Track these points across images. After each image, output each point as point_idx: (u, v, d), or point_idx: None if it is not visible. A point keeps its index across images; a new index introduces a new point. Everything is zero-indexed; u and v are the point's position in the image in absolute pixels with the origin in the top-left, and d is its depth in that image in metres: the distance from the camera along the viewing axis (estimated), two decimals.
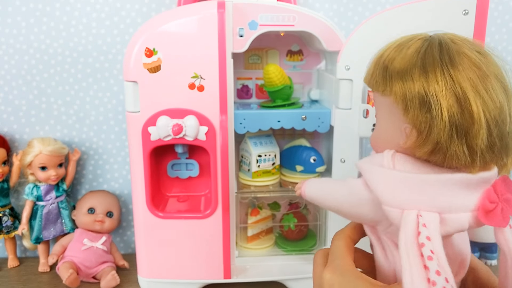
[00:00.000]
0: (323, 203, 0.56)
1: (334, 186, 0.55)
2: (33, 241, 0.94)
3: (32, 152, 0.90)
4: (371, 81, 0.50)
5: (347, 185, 0.52)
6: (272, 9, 0.74)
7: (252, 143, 0.86)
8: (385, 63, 0.48)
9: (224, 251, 0.80)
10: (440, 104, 0.43)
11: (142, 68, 0.73)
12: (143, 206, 0.79)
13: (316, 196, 0.57)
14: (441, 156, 0.46)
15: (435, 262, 0.42)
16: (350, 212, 0.52)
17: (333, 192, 0.54)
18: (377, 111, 0.52)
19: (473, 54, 0.45)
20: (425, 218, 0.44)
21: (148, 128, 0.74)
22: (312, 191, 0.58)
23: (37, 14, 0.93)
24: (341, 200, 0.52)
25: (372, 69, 0.50)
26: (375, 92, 0.50)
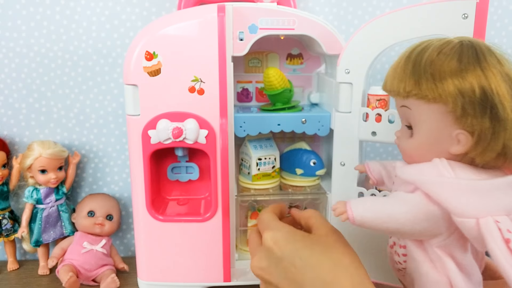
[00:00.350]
0: (380, 225, 0.50)
1: (390, 205, 0.50)
2: (33, 244, 0.93)
3: (32, 155, 0.90)
4: (410, 89, 0.48)
5: (406, 202, 0.49)
6: (272, 13, 0.74)
7: (252, 146, 0.86)
8: (430, 67, 0.47)
9: (224, 254, 0.80)
10: (504, 105, 0.44)
11: (142, 72, 0.73)
12: (143, 209, 0.79)
13: (371, 220, 0.50)
14: (503, 159, 0.46)
15: None
16: (411, 231, 0.49)
17: (392, 213, 0.49)
18: (414, 120, 0.50)
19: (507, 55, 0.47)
20: (504, 223, 0.43)
21: (148, 131, 0.75)
22: (364, 214, 0.50)
23: (37, 18, 0.93)
24: (403, 220, 0.48)
25: (409, 76, 0.49)
26: (415, 100, 0.49)
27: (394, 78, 0.51)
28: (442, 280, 0.50)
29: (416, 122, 0.50)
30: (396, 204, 0.49)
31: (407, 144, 0.52)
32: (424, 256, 0.51)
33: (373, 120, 0.71)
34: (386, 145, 1.02)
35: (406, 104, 0.51)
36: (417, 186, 0.48)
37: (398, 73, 0.50)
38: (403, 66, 0.50)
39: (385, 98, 0.71)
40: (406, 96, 0.50)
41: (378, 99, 0.71)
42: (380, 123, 0.70)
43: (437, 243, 0.49)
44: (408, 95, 0.49)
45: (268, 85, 0.82)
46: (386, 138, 0.71)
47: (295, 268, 0.48)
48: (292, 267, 0.48)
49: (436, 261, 0.51)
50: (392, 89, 0.51)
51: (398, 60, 0.52)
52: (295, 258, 0.48)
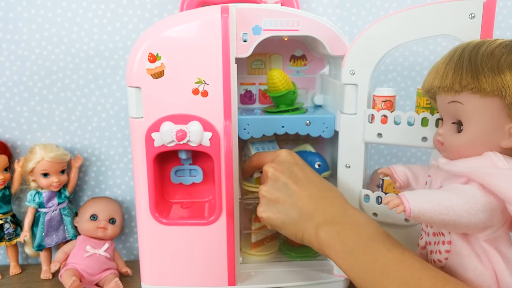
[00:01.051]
0: (436, 217, 0.50)
1: (447, 197, 0.50)
2: (35, 248, 0.93)
3: (34, 158, 0.90)
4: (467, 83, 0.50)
5: (463, 194, 0.49)
6: (276, 14, 0.73)
7: (254, 148, 0.86)
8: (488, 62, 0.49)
9: (228, 258, 0.79)
10: None
11: (145, 74, 0.72)
12: (146, 212, 0.78)
13: (428, 211, 0.50)
14: None
15: None
16: (467, 222, 0.49)
17: (449, 205, 0.49)
18: (466, 114, 0.52)
19: None
20: None
21: (152, 134, 0.74)
22: (421, 207, 0.50)
23: (39, 20, 0.93)
24: (460, 211, 0.49)
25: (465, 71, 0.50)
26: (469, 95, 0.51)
27: (445, 74, 0.52)
28: (489, 273, 0.51)
29: (469, 116, 0.52)
30: (452, 196, 0.50)
31: (455, 140, 0.54)
32: (470, 250, 0.52)
33: (379, 122, 0.70)
34: (391, 147, 1.01)
35: (457, 99, 0.52)
36: (471, 178, 0.49)
37: (452, 68, 0.52)
38: (456, 61, 0.52)
39: (391, 100, 0.70)
40: (460, 91, 0.51)
41: (384, 100, 0.70)
42: (386, 124, 0.70)
43: (485, 236, 0.51)
44: (463, 89, 0.51)
45: (272, 87, 0.82)
46: (392, 139, 0.70)
47: (303, 172, 0.67)
48: (301, 171, 0.67)
49: (481, 255, 0.52)
50: (444, 85, 0.53)
51: (447, 58, 0.54)
52: (304, 165, 0.69)
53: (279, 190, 0.65)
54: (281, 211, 0.64)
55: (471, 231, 0.52)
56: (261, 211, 0.67)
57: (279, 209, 0.65)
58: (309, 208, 0.62)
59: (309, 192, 0.64)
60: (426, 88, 0.57)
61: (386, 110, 0.70)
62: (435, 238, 0.58)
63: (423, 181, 0.64)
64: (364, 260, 0.53)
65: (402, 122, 0.69)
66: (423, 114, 0.67)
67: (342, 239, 0.57)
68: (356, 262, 0.54)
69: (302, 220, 0.62)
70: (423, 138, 0.68)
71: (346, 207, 0.62)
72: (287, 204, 0.64)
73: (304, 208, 0.62)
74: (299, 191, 0.64)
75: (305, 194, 0.63)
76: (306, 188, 0.64)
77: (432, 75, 0.56)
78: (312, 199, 0.63)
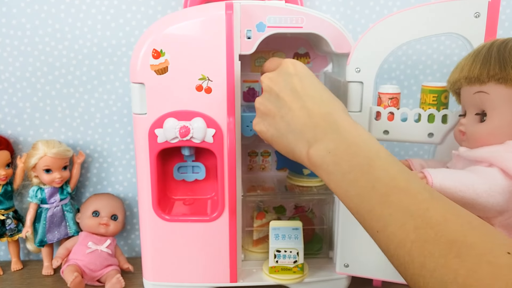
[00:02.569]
0: (456, 194, 0.52)
1: (467, 176, 0.53)
2: (37, 244, 0.93)
3: (36, 154, 0.90)
4: (494, 74, 0.53)
5: (485, 175, 0.52)
6: (280, 11, 0.73)
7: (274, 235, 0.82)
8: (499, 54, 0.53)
9: (230, 255, 0.79)
10: None
11: (149, 70, 0.72)
12: (149, 208, 0.78)
13: (449, 187, 0.53)
14: None
15: None
16: (485, 203, 0.51)
17: (471, 183, 0.52)
18: (492, 104, 0.54)
19: None
20: None
21: (155, 130, 0.74)
22: (443, 182, 0.53)
23: (42, 16, 0.92)
24: (480, 190, 0.51)
25: (493, 62, 0.53)
26: (495, 85, 0.53)
27: (474, 66, 0.55)
28: None
29: (494, 106, 0.54)
30: (473, 176, 0.52)
31: (478, 129, 0.56)
32: None
33: (385, 119, 0.70)
34: (393, 146, 1.01)
35: (483, 89, 0.55)
36: (492, 163, 0.52)
37: (480, 60, 0.55)
38: (485, 54, 0.55)
39: (397, 97, 0.70)
40: (487, 81, 0.54)
41: (391, 97, 0.70)
42: (393, 121, 0.70)
43: (500, 222, 0.53)
44: (490, 79, 0.54)
45: None
46: (398, 136, 0.70)
47: (301, 83, 0.58)
48: (299, 82, 0.58)
49: None
50: (471, 75, 0.55)
51: (475, 52, 0.57)
52: (305, 77, 0.59)
53: (271, 102, 0.59)
54: (271, 124, 0.59)
55: (488, 214, 0.53)
56: (255, 123, 0.63)
57: (269, 122, 0.59)
58: (299, 122, 0.55)
59: (302, 104, 0.56)
60: (452, 81, 0.60)
61: (392, 107, 0.70)
62: None
63: None
64: (361, 186, 0.47)
65: (409, 118, 0.69)
66: (429, 111, 0.68)
67: (335, 159, 0.50)
68: (351, 188, 0.47)
69: (291, 134, 0.56)
70: (430, 134, 0.69)
71: (343, 123, 0.53)
72: (277, 117, 0.58)
73: (293, 121, 0.56)
74: (291, 103, 0.57)
75: (296, 107, 0.56)
76: (299, 100, 0.56)
77: (459, 68, 0.59)
78: (303, 112, 0.55)
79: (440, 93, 0.68)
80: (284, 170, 0.93)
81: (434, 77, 0.98)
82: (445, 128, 0.68)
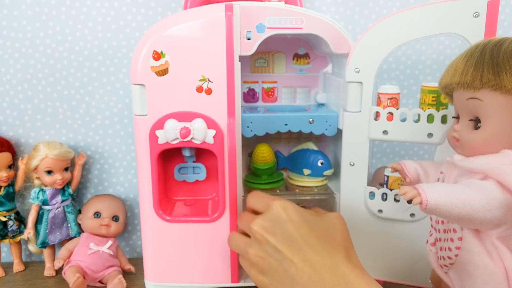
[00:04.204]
0: (452, 210, 0.50)
1: (464, 192, 0.50)
2: (39, 245, 0.93)
3: (38, 156, 0.90)
4: (488, 80, 0.50)
5: (481, 189, 0.49)
6: (280, 12, 0.74)
7: None
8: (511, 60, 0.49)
9: (232, 255, 0.79)
10: None
11: (149, 71, 0.73)
12: (150, 209, 0.78)
13: (445, 204, 0.50)
14: None
15: None
16: (482, 218, 0.49)
17: (467, 199, 0.49)
18: (486, 112, 0.51)
19: None
20: None
21: (156, 132, 0.74)
22: (438, 199, 0.50)
23: (43, 18, 0.93)
24: (477, 206, 0.49)
25: (486, 68, 0.50)
26: (489, 92, 0.50)
27: (465, 70, 0.52)
28: (500, 271, 0.51)
29: (488, 114, 0.51)
30: (469, 191, 0.49)
31: (472, 138, 0.53)
32: (482, 247, 0.52)
33: (385, 119, 0.70)
34: (393, 146, 1.01)
35: (477, 96, 0.52)
36: (488, 175, 0.49)
37: (473, 64, 0.52)
38: (477, 58, 0.51)
39: (396, 97, 0.71)
40: (481, 87, 0.51)
41: (390, 97, 0.71)
42: (392, 121, 0.70)
43: (497, 233, 0.51)
44: (483, 86, 0.50)
45: (262, 160, 0.84)
46: (398, 136, 0.71)
47: (299, 231, 0.54)
48: (296, 230, 0.54)
49: (492, 252, 0.51)
50: (464, 81, 0.52)
51: (467, 55, 0.53)
52: (300, 222, 0.55)
53: (270, 255, 0.55)
54: (274, 278, 0.54)
55: (485, 228, 0.51)
56: (255, 279, 0.58)
57: (272, 276, 0.55)
58: (304, 277, 0.51)
59: (303, 256, 0.53)
60: (444, 84, 0.57)
61: (392, 107, 0.70)
62: (445, 235, 0.57)
63: (434, 178, 0.63)
64: None
65: (408, 119, 0.69)
66: (429, 111, 0.68)
67: None
68: None
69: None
70: (429, 134, 0.69)
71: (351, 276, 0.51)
72: (279, 271, 0.54)
73: (297, 276, 0.52)
74: (292, 256, 0.53)
75: (299, 259, 0.52)
76: (299, 251, 0.53)
77: (451, 71, 0.55)
78: (307, 265, 0.52)
79: (439, 93, 0.68)
80: (284, 170, 0.93)
81: (433, 77, 0.98)
82: (445, 128, 0.69)
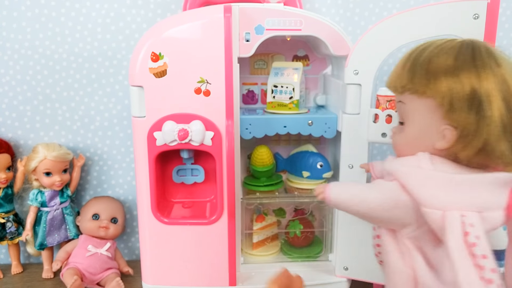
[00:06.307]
0: (351, 207, 0.54)
1: (364, 190, 0.53)
2: (37, 247, 0.93)
3: (36, 157, 0.90)
4: (405, 84, 0.51)
5: (381, 189, 0.52)
6: (279, 14, 0.73)
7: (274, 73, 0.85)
8: (426, 63, 0.49)
9: (229, 258, 0.79)
10: (491, 103, 0.45)
11: (148, 73, 0.72)
12: (148, 212, 0.78)
13: (344, 201, 0.55)
14: (484, 157, 0.48)
15: (489, 260, 0.44)
16: (380, 217, 0.52)
17: (364, 197, 0.52)
18: (407, 114, 0.52)
19: (508, 58, 0.48)
20: (470, 218, 0.45)
21: (154, 133, 0.74)
22: (339, 196, 0.55)
23: (42, 20, 0.93)
24: (373, 205, 0.51)
25: (406, 72, 0.51)
26: (409, 95, 0.51)
27: (393, 74, 0.54)
28: (406, 271, 0.51)
29: (409, 116, 0.53)
30: (368, 190, 0.53)
31: (398, 139, 0.55)
32: (394, 246, 0.53)
33: (383, 121, 0.70)
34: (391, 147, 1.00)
35: (402, 99, 0.53)
36: (395, 177, 0.50)
37: (397, 69, 0.53)
38: (402, 63, 0.53)
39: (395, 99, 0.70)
40: (402, 91, 0.52)
41: (389, 100, 0.70)
42: (391, 124, 0.70)
43: (407, 234, 0.51)
44: (403, 90, 0.52)
45: (260, 162, 0.84)
46: None
47: None
48: None
49: (405, 253, 0.52)
50: (391, 84, 0.54)
51: (403, 57, 0.54)
52: None
53: None
54: None
55: (390, 226, 0.53)
56: None
57: None
58: None
59: None
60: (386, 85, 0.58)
61: (390, 110, 0.70)
62: (374, 232, 0.60)
63: None
64: None
65: None
66: None
67: None
68: None
69: None
70: None
71: None
72: None
73: None
74: None
75: None
76: None
77: (391, 74, 0.56)
78: None
79: None
80: (283, 172, 0.93)
81: None
82: None
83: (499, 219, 0.46)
